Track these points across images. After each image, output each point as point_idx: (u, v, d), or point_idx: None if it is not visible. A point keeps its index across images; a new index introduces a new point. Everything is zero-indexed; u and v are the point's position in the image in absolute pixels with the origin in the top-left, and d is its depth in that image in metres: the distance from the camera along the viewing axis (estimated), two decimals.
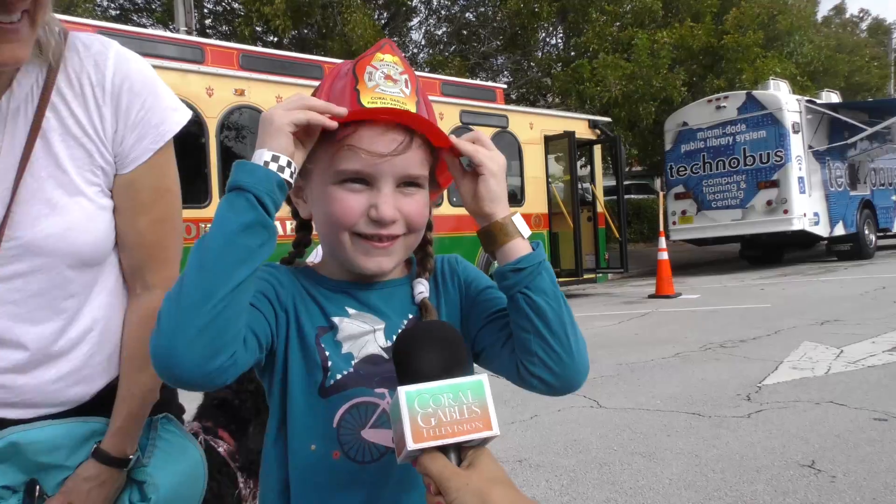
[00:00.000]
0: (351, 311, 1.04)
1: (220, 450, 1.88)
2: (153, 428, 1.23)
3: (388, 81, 0.98)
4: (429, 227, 1.09)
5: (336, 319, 1.03)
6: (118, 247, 1.17)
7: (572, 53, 18.94)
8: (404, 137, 0.97)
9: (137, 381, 1.16)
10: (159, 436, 1.23)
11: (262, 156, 0.90)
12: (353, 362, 1.01)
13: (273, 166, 0.90)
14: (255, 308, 0.97)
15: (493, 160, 1.00)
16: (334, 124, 0.94)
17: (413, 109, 0.98)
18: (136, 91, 1.13)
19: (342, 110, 0.94)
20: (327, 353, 1.01)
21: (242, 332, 0.89)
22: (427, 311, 1.04)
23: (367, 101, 0.96)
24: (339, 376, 1.00)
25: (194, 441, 1.29)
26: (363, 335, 1.02)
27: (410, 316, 1.06)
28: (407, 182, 1.00)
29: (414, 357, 0.85)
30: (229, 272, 0.85)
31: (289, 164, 0.91)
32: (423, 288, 1.07)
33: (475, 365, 1.11)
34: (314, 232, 1.11)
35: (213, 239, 0.87)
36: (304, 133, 0.94)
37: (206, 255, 0.86)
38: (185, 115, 1.19)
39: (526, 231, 1.02)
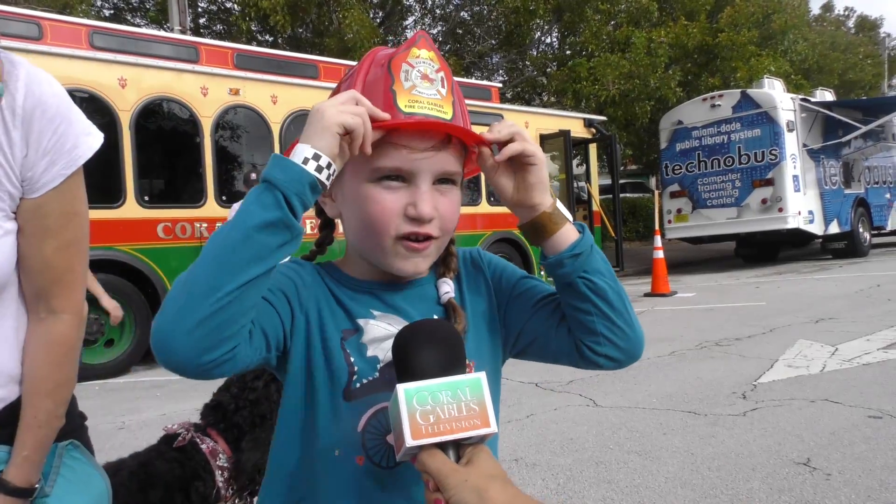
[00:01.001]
0: (376, 312, 1.03)
1: (204, 447, 1.87)
2: (58, 455, 1.17)
3: (424, 82, 0.96)
4: None
5: (361, 322, 1.02)
6: (21, 270, 1.12)
7: (568, 52, 18.97)
8: (443, 135, 0.97)
9: (43, 408, 1.11)
10: (64, 463, 1.17)
11: (303, 151, 0.87)
12: (378, 366, 1.00)
13: (312, 165, 0.86)
14: (271, 306, 0.95)
15: (538, 149, 0.99)
16: (369, 142, 0.92)
17: (450, 112, 0.97)
18: (50, 116, 1.08)
19: (386, 115, 0.92)
20: (352, 359, 0.99)
21: (247, 328, 0.87)
22: (454, 312, 1.04)
23: (405, 104, 0.94)
24: (364, 381, 0.99)
25: (101, 470, 1.25)
26: (388, 338, 0.99)
27: (435, 317, 1.05)
28: (442, 179, 0.99)
29: (413, 355, 0.85)
30: (242, 267, 0.83)
31: (328, 166, 0.88)
32: (448, 288, 1.07)
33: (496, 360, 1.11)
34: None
35: (233, 230, 0.84)
36: (347, 138, 0.91)
37: (223, 245, 0.84)
38: (97, 140, 1.15)
39: (569, 215, 1.02)
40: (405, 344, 0.86)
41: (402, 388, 0.81)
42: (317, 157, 0.87)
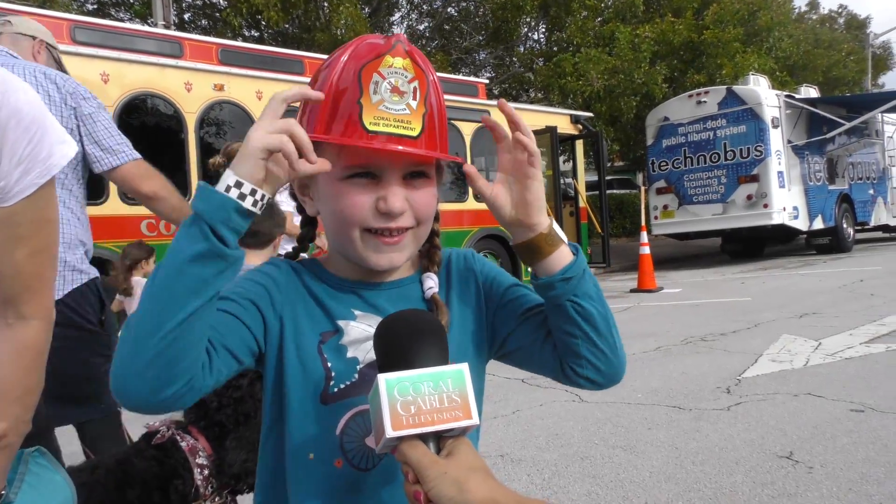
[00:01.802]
0: (357, 312, 1.02)
1: (184, 444, 1.85)
2: (23, 462, 1.15)
3: (394, 95, 0.93)
4: (436, 218, 1.06)
5: (342, 323, 1.00)
6: None
7: (554, 48, 19.00)
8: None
9: (11, 414, 1.09)
10: (30, 470, 1.15)
11: (226, 179, 0.85)
12: (358, 367, 0.99)
13: (234, 192, 0.84)
14: (236, 319, 0.94)
15: (539, 159, 0.98)
16: (314, 167, 0.90)
17: (417, 128, 0.95)
18: (25, 126, 1.06)
19: (311, 155, 0.90)
20: (330, 364, 0.98)
21: (200, 359, 0.86)
22: (437, 307, 1.02)
23: (370, 121, 0.92)
24: (343, 385, 0.98)
25: (67, 477, 1.23)
26: (368, 339, 0.98)
27: None
28: (414, 173, 0.98)
29: (395, 345, 0.84)
30: (179, 303, 0.81)
31: (252, 192, 0.85)
32: (432, 283, 1.05)
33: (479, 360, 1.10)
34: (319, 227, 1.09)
35: (167, 267, 0.83)
36: (281, 158, 0.88)
37: (159, 284, 0.83)
38: (72, 148, 1.13)
39: (564, 236, 1.00)
40: (387, 333, 0.85)
41: (382, 378, 0.79)
42: (238, 185, 0.85)
